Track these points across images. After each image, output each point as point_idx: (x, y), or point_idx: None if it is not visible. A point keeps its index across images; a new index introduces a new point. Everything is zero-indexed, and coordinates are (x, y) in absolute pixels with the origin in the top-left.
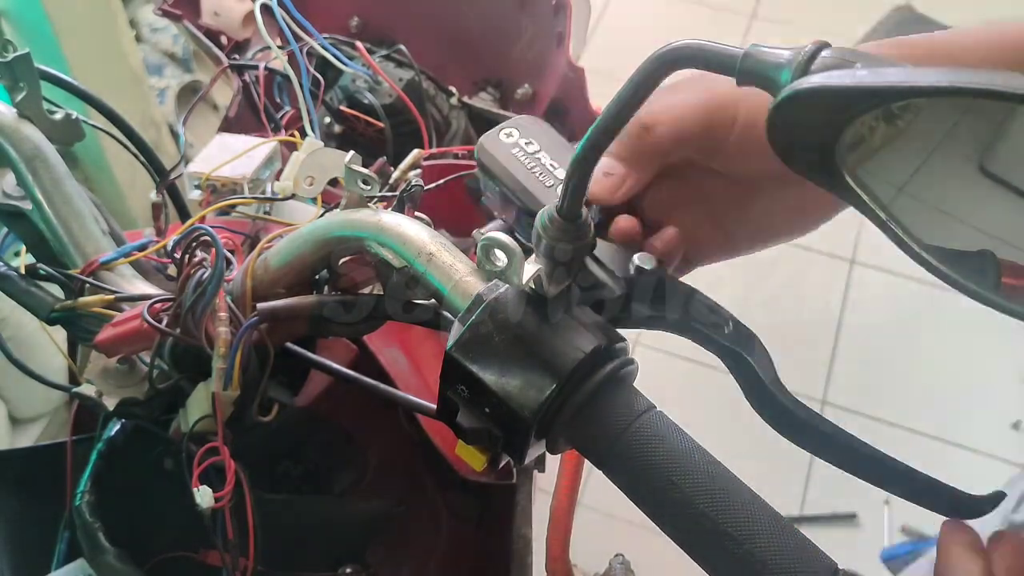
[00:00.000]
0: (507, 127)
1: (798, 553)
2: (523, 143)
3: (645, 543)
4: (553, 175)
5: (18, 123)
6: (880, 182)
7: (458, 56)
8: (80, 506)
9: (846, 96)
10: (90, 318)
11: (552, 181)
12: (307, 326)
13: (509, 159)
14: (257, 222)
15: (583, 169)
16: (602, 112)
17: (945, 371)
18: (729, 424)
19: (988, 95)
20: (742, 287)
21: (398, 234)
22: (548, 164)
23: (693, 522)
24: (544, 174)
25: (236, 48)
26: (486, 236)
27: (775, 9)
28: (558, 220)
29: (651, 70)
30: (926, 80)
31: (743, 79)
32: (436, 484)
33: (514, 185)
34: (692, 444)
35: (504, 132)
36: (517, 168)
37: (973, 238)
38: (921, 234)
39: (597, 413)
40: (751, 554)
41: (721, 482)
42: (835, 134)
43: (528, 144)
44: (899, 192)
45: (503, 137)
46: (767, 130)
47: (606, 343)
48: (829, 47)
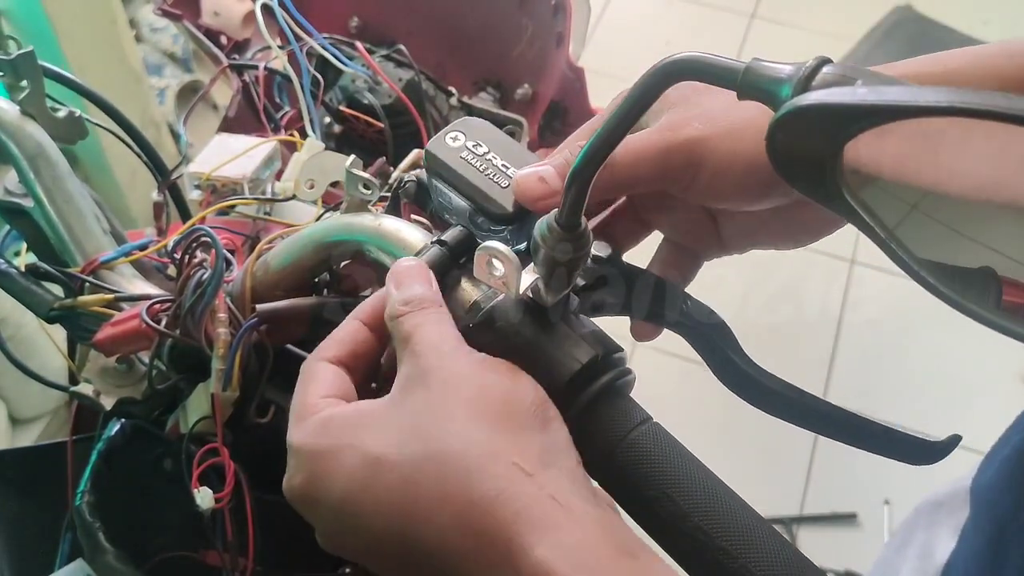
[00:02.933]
0: (452, 130)
1: (793, 569)
2: (470, 145)
3: None
4: (506, 175)
5: (21, 120)
6: (889, 198)
7: (458, 56)
8: (80, 506)
9: (846, 113)
10: (89, 317)
11: (506, 181)
12: (307, 327)
13: (459, 162)
14: (257, 222)
15: (582, 181)
16: (602, 123)
17: (945, 371)
18: (729, 424)
19: (989, 116)
20: (742, 287)
21: (398, 239)
22: (499, 165)
23: (688, 536)
24: (497, 175)
25: (236, 48)
26: (483, 245)
27: (775, 9)
28: (557, 230)
29: (652, 82)
30: (926, 99)
31: (744, 93)
32: None
33: (467, 187)
34: (688, 457)
35: (450, 136)
36: (468, 170)
37: (978, 255)
38: (923, 251)
39: (592, 425)
40: (746, 568)
41: (717, 496)
42: (835, 151)
43: (476, 146)
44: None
45: (449, 141)
46: (767, 145)
47: (603, 354)
48: (831, 63)
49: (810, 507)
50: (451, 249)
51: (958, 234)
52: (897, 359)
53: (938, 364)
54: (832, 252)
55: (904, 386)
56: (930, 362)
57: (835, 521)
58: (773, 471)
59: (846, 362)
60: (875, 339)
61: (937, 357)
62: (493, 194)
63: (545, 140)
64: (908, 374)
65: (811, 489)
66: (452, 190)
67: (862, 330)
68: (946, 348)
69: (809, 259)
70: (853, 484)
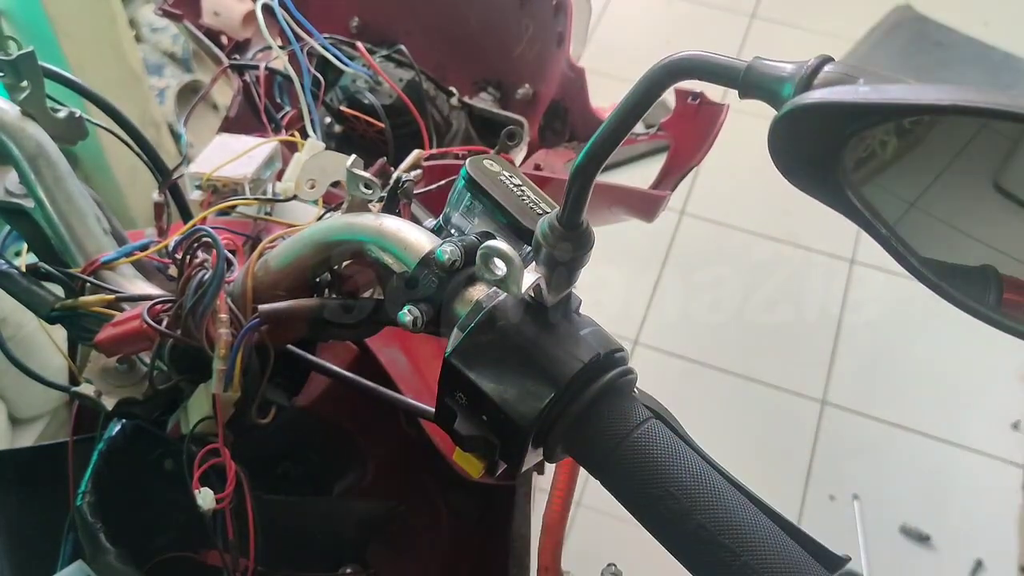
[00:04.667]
0: (487, 158)
1: (796, 567)
2: (506, 175)
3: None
4: (539, 206)
5: (21, 121)
6: (889, 195)
7: (458, 56)
8: (81, 506)
9: (848, 112)
10: (90, 317)
11: (540, 210)
12: (308, 328)
13: (496, 183)
14: (258, 223)
15: (584, 179)
16: (604, 122)
17: (945, 371)
18: (728, 424)
19: (990, 114)
20: (742, 287)
21: (399, 239)
22: (532, 197)
23: (690, 533)
24: (530, 202)
25: (236, 48)
26: (486, 244)
27: (775, 9)
28: (559, 229)
29: (654, 81)
30: (927, 98)
31: (745, 92)
32: (436, 484)
33: (507, 200)
34: (690, 455)
35: (487, 161)
36: (506, 191)
37: (978, 253)
38: (924, 248)
39: (595, 423)
40: (748, 566)
41: (719, 493)
42: (836, 149)
43: (512, 177)
44: (911, 206)
45: (488, 164)
46: (768, 143)
47: (604, 353)
48: (832, 61)
49: (809, 509)
50: (465, 249)
51: (957, 231)
52: (897, 359)
53: (938, 364)
54: (832, 252)
55: (904, 386)
56: (930, 362)
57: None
58: (773, 471)
59: (846, 362)
60: (875, 339)
61: (937, 357)
62: (529, 214)
63: (546, 140)
64: (908, 374)
65: (811, 489)
66: (490, 201)
67: (862, 330)
68: (946, 348)
69: (809, 259)
70: (853, 484)
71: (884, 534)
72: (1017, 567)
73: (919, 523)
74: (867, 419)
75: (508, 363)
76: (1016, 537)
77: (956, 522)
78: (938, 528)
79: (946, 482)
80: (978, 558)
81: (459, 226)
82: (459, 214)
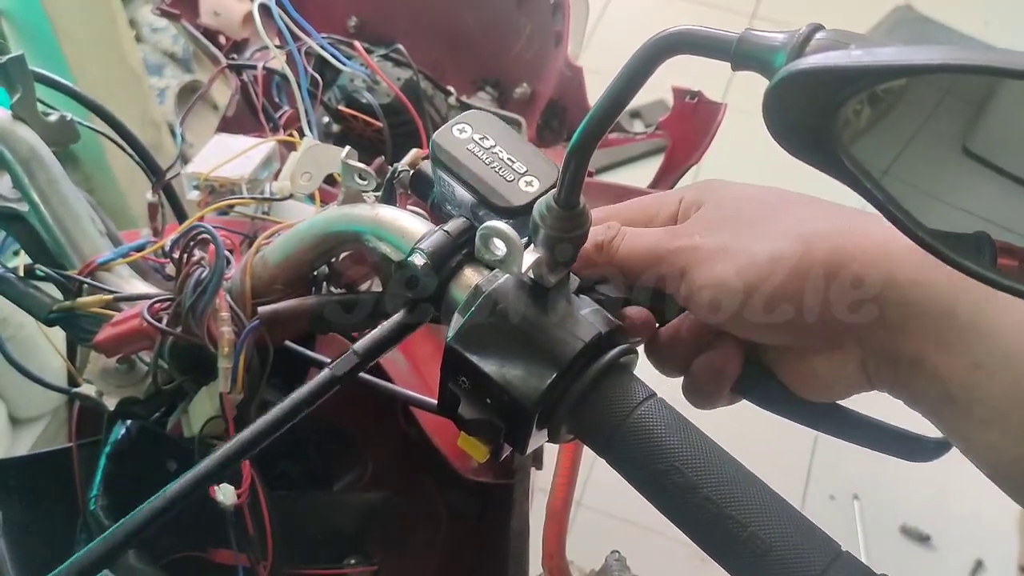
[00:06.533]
0: (459, 123)
1: (802, 535)
2: (477, 138)
3: (643, 542)
4: (512, 168)
5: (13, 125)
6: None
7: (456, 56)
8: (95, 510)
9: (841, 76)
10: (89, 318)
11: (512, 175)
12: (307, 325)
13: (465, 154)
14: (255, 222)
15: (580, 157)
16: (598, 100)
17: None
18: (728, 422)
19: (983, 72)
20: None
21: (396, 227)
22: (505, 159)
23: (697, 507)
24: (503, 168)
25: (235, 48)
26: (485, 225)
27: (775, 9)
28: (556, 209)
29: (648, 56)
30: (920, 58)
31: (738, 63)
32: (435, 482)
33: (473, 179)
34: (694, 430)
35: (457, 128)
36: (474, 162)
37: (964, 221)
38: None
39: (598, 401)
40: (756, 536)
41: (724, 467)
42: (830, 115)
43: (483, 139)
44: (884, 175)
45: (456, 132)
46: (763, 113)
47: (605, 331)
48: (823, 29)
49: (809, 509)
50: (454, 237)
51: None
52: None
53: None
54: None
55: None
56: None
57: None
58: (773, 468)
59: None
60: None
61: None
62: (498, 187)
63: (543, 139)
64: None
65: (811, 486)
66: (457, 181)
67: None
68: None
69: None
70: (853, 484)
71: (884, 534)
72: (1017, 567)
73: (919, 523)
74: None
75: (510, 345)
76: (1016, 537)
77: (956, 522)
78: (938, 528)
79: (946, 482)
80: (978, 558)
81: (449, 202)
82: (444, 191)
